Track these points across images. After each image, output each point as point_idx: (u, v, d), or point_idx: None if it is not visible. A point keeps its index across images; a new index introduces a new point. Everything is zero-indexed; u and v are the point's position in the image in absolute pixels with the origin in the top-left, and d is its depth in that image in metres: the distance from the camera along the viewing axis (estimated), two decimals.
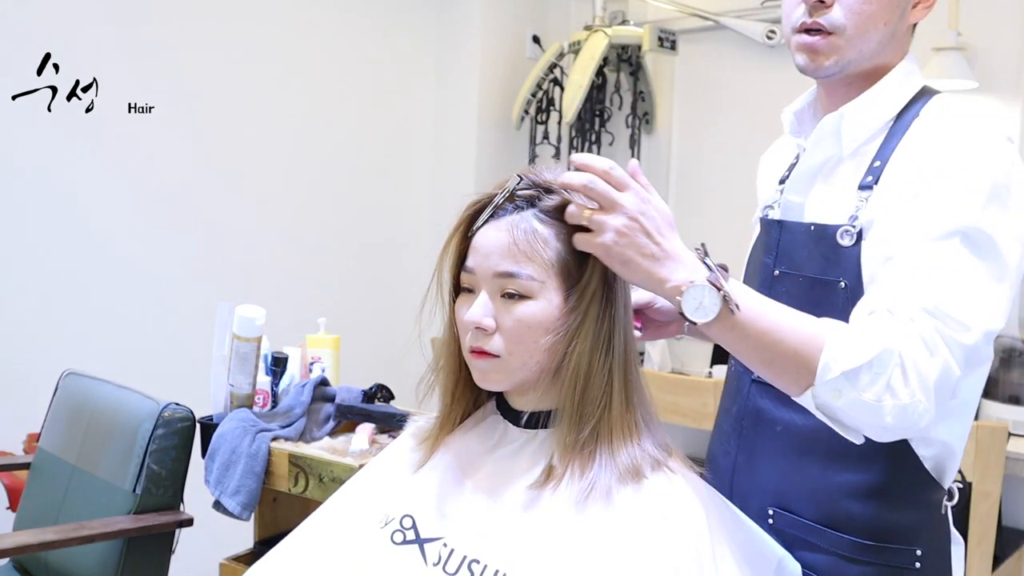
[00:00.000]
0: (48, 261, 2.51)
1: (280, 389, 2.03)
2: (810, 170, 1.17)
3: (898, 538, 1.08)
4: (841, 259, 1.08)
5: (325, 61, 3.16)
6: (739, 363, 1.21)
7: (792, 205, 1.18)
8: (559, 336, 0.98)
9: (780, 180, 1.24)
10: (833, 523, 1.10)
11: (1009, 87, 2.80)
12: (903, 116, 1.11)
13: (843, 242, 1.08)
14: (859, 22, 1.08)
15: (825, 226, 1.11)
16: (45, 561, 1.95)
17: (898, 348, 0.93)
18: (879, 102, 1.12)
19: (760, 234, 1.25)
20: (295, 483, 1.80)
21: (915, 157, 1.06)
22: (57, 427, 2.11)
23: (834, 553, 1.09)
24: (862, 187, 1.09)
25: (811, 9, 1.09)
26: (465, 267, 1.01)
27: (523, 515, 0.98)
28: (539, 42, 3.61)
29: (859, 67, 1.12)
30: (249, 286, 2.92)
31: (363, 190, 3.34)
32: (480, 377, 1.01)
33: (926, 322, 0.95)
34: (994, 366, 2.64)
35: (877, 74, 1.13)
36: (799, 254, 1.14)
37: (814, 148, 1.16)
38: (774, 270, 1.17)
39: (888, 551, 1.08)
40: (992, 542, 2.25)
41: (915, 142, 1.08)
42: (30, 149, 2.46)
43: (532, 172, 1.02)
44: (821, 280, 1.10)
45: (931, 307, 0.96)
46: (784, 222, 1.18)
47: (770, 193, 1.26)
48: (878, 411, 0.93)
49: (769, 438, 1.16)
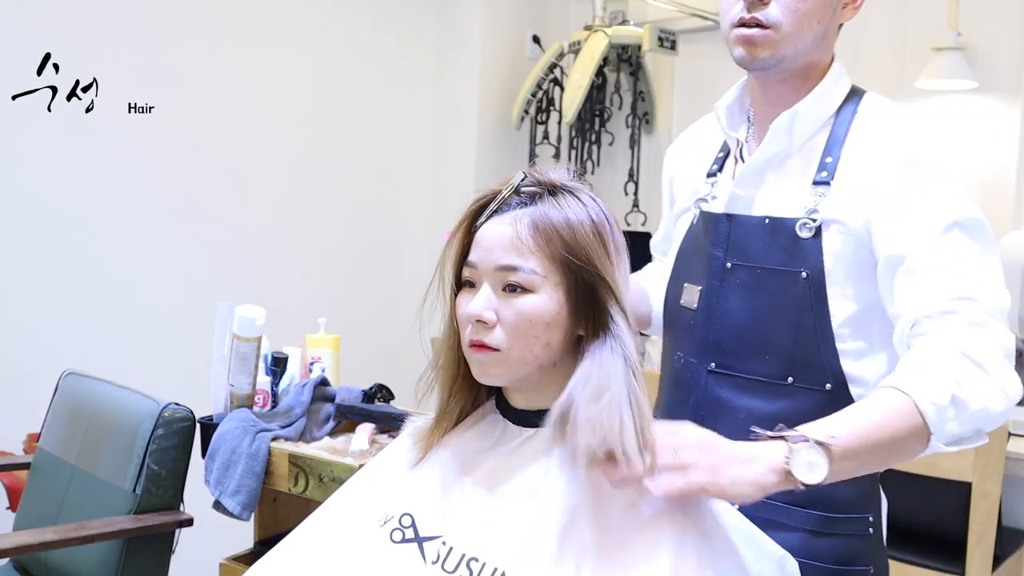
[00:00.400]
0: (48, 261, 2.51)
1: (280, 389, 2.03)
2: (760, 164, 1.21)
3: (856, 507, 1.17)
4: (801, 251, 1.14)
5: (325, 61, 3.16)
6: (688, 354, 1.25)
7: (740, 198, 1.22)
8: (559, 332, 0.98)
9: (709, 173, 1.29)
10: (802, 502, 1.14)
11: (1009, 87, 2.80)
12: (841, 113, 1.19)
13: (802, 234, 1.14)
14: (794, 19, 1.14)
15: (781, 219, 1.17)
16: (45, 561, 1.96)
17: (958, 350, 1.01)
18: (825, 99, 1.19)
19: (700, 226, 1.27)
20: (295, 483, 1.80)
21: (873, 150, 1.14)
22: (57, 427, 2.11)
23: (802, 530, 1.15)
24: (817, 182, 1.16)
25: (749, 5, 1.15)
26: (467, 261, 1.02)
27: (522, 514, 0.98)
28: (539, 42, 3.62)
29: (794, 63, 1.18)
30: (249, 286, 2.92)
31: (363, 190, 3.34)
32: (479, 371, 1.01)
33: (966, 308, 1.04)
34: None
35: (810, 71, 1.20)
36: (753, 246, 1.19)
37: (768, 143, 1.20)
38: (726, 262, 1.21)
39: (851, 521, 1.17)
40: (992, 542, 2.25)
41: (865, 139, 1.16)
42: (30, 149, 2.46)
43: (537, 170, 1.02)
44: (781, 271, 1.15)
45: (964, 295, 1.04)
46: (734, 215, 1.22)
47: (697, 186, 1.30)
48: (987, 412, 1.00)
49: (732, 426, 1.17)
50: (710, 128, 1.36)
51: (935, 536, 2.43)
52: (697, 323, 1.24)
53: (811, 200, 1.15)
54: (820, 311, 1.15)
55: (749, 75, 1.25)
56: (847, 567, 1.16)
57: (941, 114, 2.91)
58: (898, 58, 2.95)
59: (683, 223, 1.33)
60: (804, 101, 1.18)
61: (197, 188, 2.82)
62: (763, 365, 1.12)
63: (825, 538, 1.15)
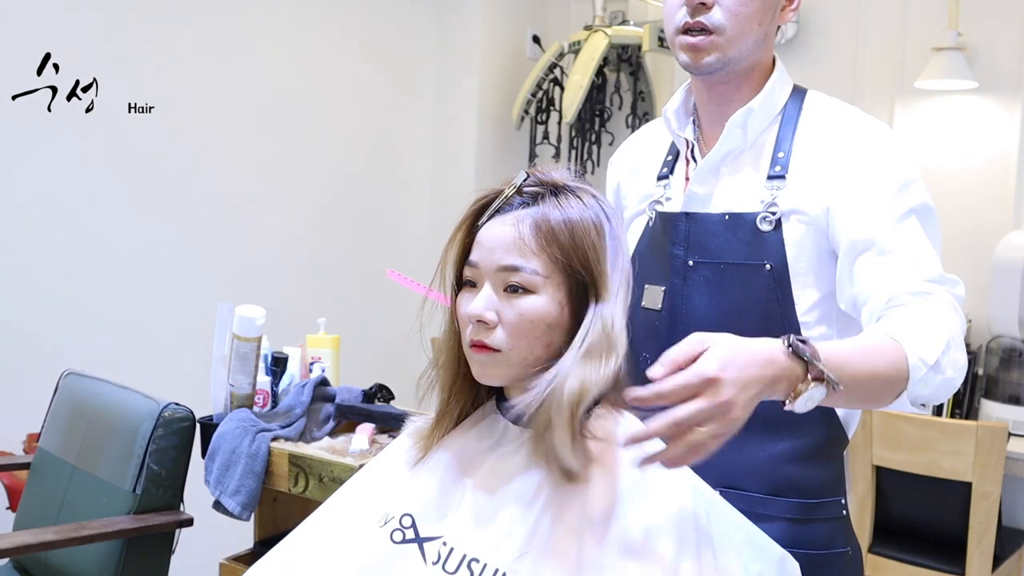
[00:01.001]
0: (48, 261, 2.51)
1: (280, 389, 2.03)
2: (715, 161, 1.24)
3: (830, 490, 1.21)
4: (763, 244, 1.18)
5: (325, 61, 3.16)
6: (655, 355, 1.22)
7: (697, 196, 1.25)
8: (560, 333, 0.98)
9: (660, 176, 1.31)
10: (779, 490, 1.19)
11: (1009, 87, 2.80)
12: (787, 109, 1.24)
13: (763, 228, 1.18)
14: (737, 23, 1.18)
15: (740, 214, 1.20)
16: (45, 561, 1.96)
17: (942, 320, 1.04)
18: (774, 95, 1.23)
19: (657, 227, 1.29)
20: (295, 483, 1.80)
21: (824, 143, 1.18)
22: (57, 427, 2.11)
23: (783, 519, 1.17)
24: (773, 176, 1.20)
25: (693, 11, 1.18)
26: (469, 261, 1.01)
27: (523, 513, 0.98)
28: (539, 42, 3.62)
29: (738, 65, 1.21)
30: (249, 286, 2.92)
31: (363, 190, 3.34)
32: (479, 371, 1.01)
33: (939, 291, 1.08)
34: (994, 366, 2.66)
35: (753, 71, 1.24)
36: (713, 242, 1.22)
37: (725, 140, 1.23)
38: (687, 260, 1.24)
39: (827, 505, 1.20)
40: (992, 542, 2.25)
41: (815, 132, 1.20)
42: (30, 149, 2.46)
43: (540, 170, 1.03)
44: (745, 265, 1.19)
45: (934, 277, 1.09)
46: (692, 214, 1.24)
47: (648, 189, 1.33)
48: (955, 383, 1.04)
49: None
50: (653, 134, 1.39)
51: (935, 536, 2.44)
52: (662, 323, 1.25)
53: (768, 194, 1.19)
54: (785, 301, 1.19)
55: (692, 78, 1.28)
56: (828, 551, 1.19)
57: (941, 114, 2.91)
58: (898, 58, 2.95)
59: (636, 227, 1.36)
60: (757, 98, 1.22)
61: (197, 188, 2.82)
62: None
63: (805, 524, 1.18)
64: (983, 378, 2.69)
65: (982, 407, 2.64)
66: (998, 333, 2.60)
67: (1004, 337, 2.61)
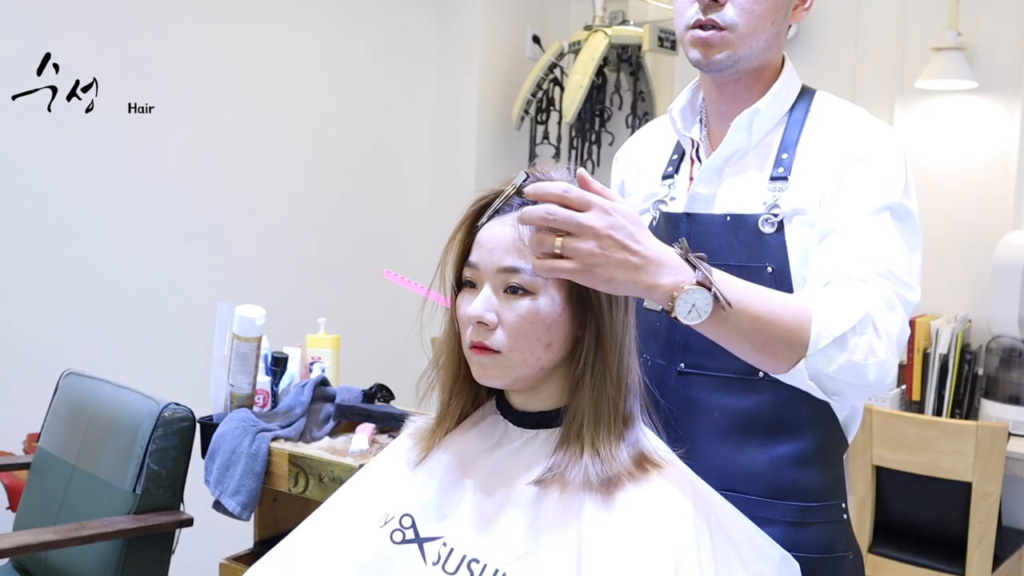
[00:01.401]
0: (48, 261, 2.51)
1: (280, 389, 2.03)
2: (720, 162, 1.23)
3: (830, 494, 1.19)
4: (765, 246, 1.16)
5: (325, 61, 3.16)
6: (656, 355, 1.25)
7: (700, 197, 1.24)
8: (560, 334, 0.98)
9: (665, 175, 1.30)
10: (780, 494, 1.17)
11: (1009, 87, 2.80)
12: (794, 111, 1.22)
13: (765, 230, 1.16)
14: (749, 20, 1.16)
15: (742, 216, 1.18)
16: (45, 561, 1.96)
17: (868, 308, 1.01)
18: (781, 96, 1.22)
19: (661, 228, 1.28)
20: (295, 483, 1.80)
21: (827, 145, 1.17)
22: (57, 427, 2.11)
23: (783, 522, 1.16)
24: (775, 178, 1.18)
25: (705, 8, 1.17)
26: (468, 262, 1.01)
27: (523, 515, 0.98)
28: (539, 42, 3.62)
29: (749, 64, 1.20)
30: (249, 286, 2.92)
31: (363, 190, 3.34)
32: (480, 373, 1.01)
33: (882, 284, 1.05)
34: (994, 366, 2.66)
35: (764, 71, 1.22)
36: (715, 244, 1.20)
37: (729, 140, 1.22)
38: None
39: (827, 508, 1.18)
40: (992, 542, 2.25)
41: (819, 134, 1.19)
42: (30, 149, 2.46)
43: (539, 170, 1.02)
44: (746, 267, 1.16)
45: (883, 271, 1.06)
46: (694, 214, 1.23)
47: (653, 188, 1.32)
48: (864, 370, 1.00)
49: (706, 425, 1.19)
50: (659, 132, 1.38)
51: (935, 536, 2.44)
52: (663, 324, 1.24)
53: (770, 196, 1.17)
54: None
55: (702, 76, 1.27)
56: (829, 555, 1.18)
57: (941, 114, 2.91)
58: (898, 58, 2.95)
59: None
60: (764, 99, 1.20)
61: (197, 188, 2.82)
62: (733, 362, 1.11)
63: (805, 528, 1.17)
64: (983, 378, 2.69)
65: (982, 407, 2.64)
66: (998, 333, 2.60)
67: (1004, 337, 2.61)
